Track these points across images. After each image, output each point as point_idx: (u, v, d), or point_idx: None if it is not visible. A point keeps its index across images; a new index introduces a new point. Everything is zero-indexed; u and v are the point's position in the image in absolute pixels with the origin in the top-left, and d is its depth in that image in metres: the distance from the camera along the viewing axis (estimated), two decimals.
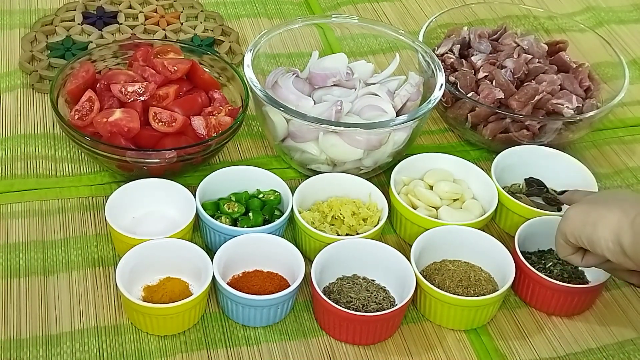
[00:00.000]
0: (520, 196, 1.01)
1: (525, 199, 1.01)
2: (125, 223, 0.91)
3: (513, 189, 1.03)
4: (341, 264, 0.89)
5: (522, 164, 1.04)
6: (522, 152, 1.05)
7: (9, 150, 1.02)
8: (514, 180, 1.04)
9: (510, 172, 1.03)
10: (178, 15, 1.27)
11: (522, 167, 1.04)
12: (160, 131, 0.97)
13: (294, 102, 1.01)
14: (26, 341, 0.82)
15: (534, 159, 1.05)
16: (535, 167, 1.04)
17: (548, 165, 1.04)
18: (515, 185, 1.03)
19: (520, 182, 1.04)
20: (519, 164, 1.04)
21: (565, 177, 1.03)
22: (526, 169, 1.04)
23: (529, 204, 0.98)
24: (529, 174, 1.04)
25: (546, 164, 1.04)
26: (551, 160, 1.05)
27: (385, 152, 1.00)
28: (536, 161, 1.05)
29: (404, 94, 1.04)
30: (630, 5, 1.44)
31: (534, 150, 1.05)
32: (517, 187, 1.03)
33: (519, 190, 1.03)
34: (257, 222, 0.92)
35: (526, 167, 1.04)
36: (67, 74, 1.01)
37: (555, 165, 1.04)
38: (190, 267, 0.87)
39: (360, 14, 1.33)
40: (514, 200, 0.98)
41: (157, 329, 0.84)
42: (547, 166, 1.04)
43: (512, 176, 1.04)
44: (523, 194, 1.02)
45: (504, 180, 1.03)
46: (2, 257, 0.90)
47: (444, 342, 0.88)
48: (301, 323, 0.88)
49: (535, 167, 1.04)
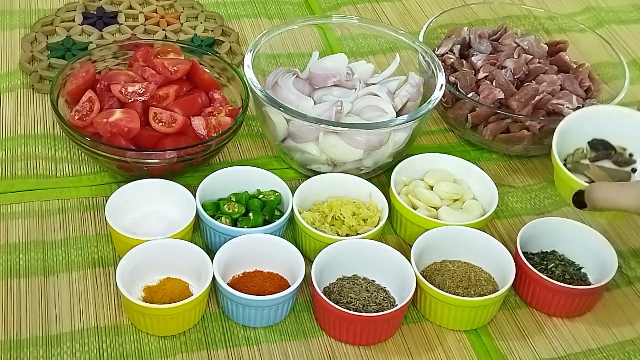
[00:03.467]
0: (587, 164, 0.95)
1: (593, 166, 0.94)
2: (125, 223, 0.91)
3: (577, 156, 0.96)
4: (341, 265, 0.89)
5: (585, 127, 0.96)
6: (585, 115, 0.97)
7: (9, 151, 1.02)
8: (577, 145, 0.96)
9: (571, 137, 0.96)
10: (178, 16, 1.27)
11: (584, 131, 0.96)
12: (160, 131, 0.97)
13: (294, 102, 1.01)
14: (26, 341, 0.82)
15: (599, 121, 0.97)
16: (601, 129, 0.96)
17: (615, 126, 0.97)
18: (579, 150, 0.96)
19: (583, 146, 0.97)
20: (581, 128, 0.96)
21: (636, 136, 0.95)
22: (590, 132, 0.96)
23: (598, 174, 0.92)
24: (593, 137, 0.97)
25: (613, 125, 0.97)
26: (618, 120, 0.97)
27: (385, 153, 1.00)
28: (601, 123, 0.97)
29: (404, 94, 1.04)
30: (631, 6, 1.44)
31: (599, 111, 0.98)
32: (581, 154, 0.96)
33: (583, 157, 0.96)
34: (257, 222, 0.92)
35: (590, 130, 0.96)
36: (67, 74, 1.01)
37: (622, 125, 0.96)
38: (190, 267, 0.87)
39: (360, 14, 1.33)
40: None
41: (157, 329, 0.84)
42: (614, 127, 0.96)
43: (573, 142, 0.96)
44: (590, 161, 0.95)
45: (565, 148, 0.96)
46: (2, 257, 0.90)
47: (444, 342, 0.88)
48: (301, 323, 0.88)
49: (600, 130, 0.96)
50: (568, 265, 0.93)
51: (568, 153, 0.96)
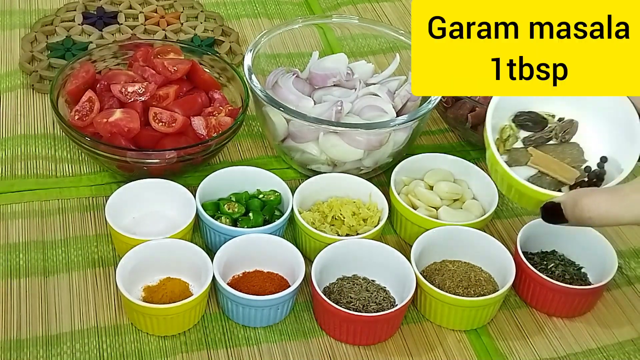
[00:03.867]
0: (525, 150, 0.75)
1: (535, 151, 0.74)
2: (125, 223, 0.91)
3: (508, 141, 0.75)
4: (341, 264, 0.89)
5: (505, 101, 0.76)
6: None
7: (9, 151, 1.02)
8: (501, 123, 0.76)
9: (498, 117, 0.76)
10: (178, 16, 1.27)
11: (505, 106, 0.76)
12: (160, 131, 0.97)
13: (294, 102, 1.01)
14: (26, 341, 0.82)
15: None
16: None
17: None
18: (505, 131, 0.76)
19: (506, 124, 0.76)
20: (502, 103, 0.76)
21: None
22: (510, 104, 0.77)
23: (545, 160, 0.74)
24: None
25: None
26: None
27: (385, 153, 1.00)
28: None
29: (404, 94, 1.04)
30: None
31: None
32: (511, 136, 0.76)
33: (514, 140, 0.76)
34: (257, 222, 0.92)
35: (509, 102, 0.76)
36: (67, 74, 1.01)
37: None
38: (190, 267, 0.87)
39: (360, 14, 1.33)
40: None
41: (157, 329, 0.84)
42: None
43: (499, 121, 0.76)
44: (524, 144, 0.75)
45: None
46: (2, 257, 0.90)
47: (444, 342, 0.88)
48: (301, 323, 0.88)
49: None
50: (568, 265, 0.93)
51: (495, 140, 0.75)
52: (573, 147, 0.75)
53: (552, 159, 0.74)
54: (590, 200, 0.65)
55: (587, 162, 0.74)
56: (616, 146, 0.73)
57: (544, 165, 0.74)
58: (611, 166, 0.73)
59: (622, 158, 0.72)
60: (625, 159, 0.71)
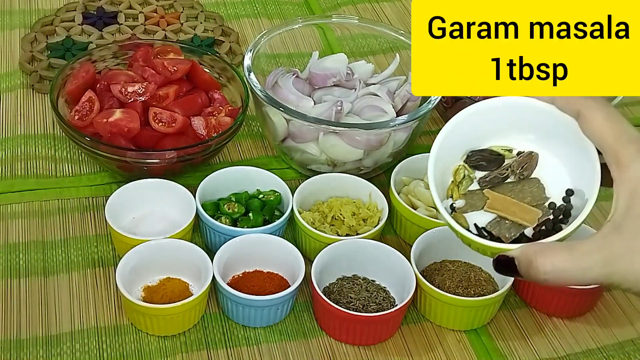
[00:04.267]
0: (481, 192, 0.69)
1: (491, 194, 0.68)
2: (125, 223, 0.91)
3: (462, 184, 0.70)
4: (341, 264, 0.89)
5: (455, 141, 0.71)
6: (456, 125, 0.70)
7: (9, 151, 1.02)
8: (452, 165, 0.71)
9: (446, 159, 0.70)
10: (178, 16, 1.27)
11: (456, 146, 0.71)
12: (160, 131, 0.97)
13: (294, 102, 1.01)
14: (26, 341, 0.82)
15: (470, 125, 0.71)
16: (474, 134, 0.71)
17: (487, 123, 0.70)
18: (459, 172, 0.70)
19: (459, 164, 0.71)
20: (452, 144, 0.70)
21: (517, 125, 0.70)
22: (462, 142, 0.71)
23: (503, 204, 0.67)
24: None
25: (484, 122, 0.70)
26: (488, 114, 0.70)
27: (385, 153, 1.00)
28: (473, 127, 0.71)
29: (404, 95, 1.04)
30: None
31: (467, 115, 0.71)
32: (465, 177, 0.70)
33: (469, 181, 0.70)
34: (257, 222, 0.92)
35: (461, 140, 0.71)
36: (67, 74, 1.01)
37: (496, 118, 0.70)
38: (190, 267, 0.87)
39: (360, 14, 1.33)
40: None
41: (157, 329, 0.84)
42: (487, 125, 0.70)
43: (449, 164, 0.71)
44: (479, 185, 0.69)
45: (445, 176, 0.71)
46: (2, 257, 0.90)
47: (444, 342, 0.88)
48: (301, 323, 0.88)
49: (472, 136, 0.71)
50: None
51: (449, 184, 0.70)
52: (533, 184, 0.69)
53: (510, 200, 0.68)
54: (546, 260, 0.60)
55: (551, 198, 0.67)
56: (578, 175, 0.67)
57: (501, 209, 0.67)
58: (577, 198, 0.67)
59: (586, 187, 0.65)
60: (589, 188, 0.64)
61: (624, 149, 0.61)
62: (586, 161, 0.65)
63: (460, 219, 0.68)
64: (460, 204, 0.69)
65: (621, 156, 0.61)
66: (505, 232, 0.66)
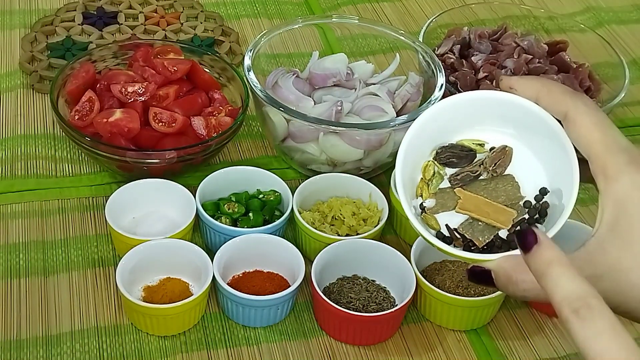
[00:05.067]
0: (452, 191, 0.65)
1: (463, 193, 0.65)
2: (125, 223, 0.91)
3: (432, 182, 0.66)
4: (341, 264, 0.89)
5: (424, 136, 0.67)
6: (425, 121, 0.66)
7: (9, 151, 1.02)
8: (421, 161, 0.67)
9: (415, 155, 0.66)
10: (178, 16, 1.27)
11: (426, 141, 0.67)
12: (160, 131, 0.97)
13: (294, 102, 1.01)
14: (26, 341, 0.82)
15: (441, 120, 0.66)
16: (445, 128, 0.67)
17: (459, 117, 0.67)
18: (428, 170, 0.66)
19: (427, 160, 0.67)
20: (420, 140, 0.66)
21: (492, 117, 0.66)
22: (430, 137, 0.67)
23: (476, 204, 0.64)
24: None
25: (457, 116, 0.67)
26: (462, 109, 0.67)
27: (385, 153, 1.00)
28: (443, 122, 0.67)
29: (404, 94, 1.04)
30: (631, 6, 1.44)
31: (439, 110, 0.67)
32: (435, 175, 0.66)
33: (439, 178, 0.66)
34: (257, 222, 0.92)
35: (430, 135, 0.67)
36: (67, 74, 1.01)
37: (469, 112, 0.67)
38: (190, 267, 0.87)
39: (360, 14, 1.33)
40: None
41: (157, 329, 0.84)
42: (458, 120, 0.67)
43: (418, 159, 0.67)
44: (450, 183, 0.66)
45: (414, 172, 0.67)
46: (2, 257, 0.90)
47: (444, 342, 0.88)
48: (301, 323, 0.88)
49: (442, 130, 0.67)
50: None
51: (417, 182, 0.66)
52: (507, 182, 0.65)
53: (483, 200, 0.64)
54: (527, 276, 0.55)
55: (526, 197, 0.64)
56: (555, 172, 0.64)
57: (474, 210, 0.63)
58: (553, 196, 0.64)
59: (564, 186, 0.62)
60: (567, 188, 0.62)
61: (613, 159, 0.57)
62: (564, 157, 0.62)
63: (431, 220, 0.65)
64: (430, 203, 0.66)
65: (609, 166, 0.57)
66: (478, 235, 0.63)
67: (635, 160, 0.58)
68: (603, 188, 0.58)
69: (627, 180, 0.57)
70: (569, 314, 0.49)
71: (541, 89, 0.62)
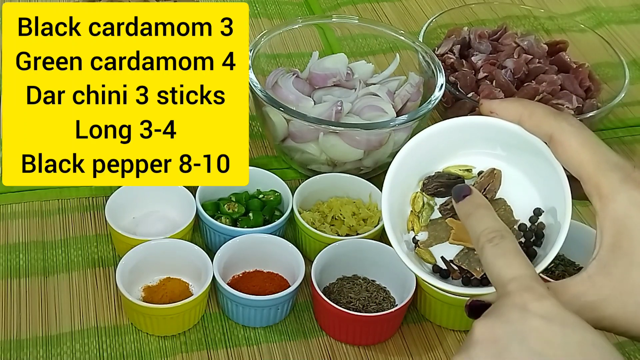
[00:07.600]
0: (443, 221, 0.65)
1: (455, 223, 0.64)
2: (125, 223, 0.91)
3: (423, 214, 0.66)
4: (341, 264, 0.89)
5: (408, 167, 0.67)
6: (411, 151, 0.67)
7: None
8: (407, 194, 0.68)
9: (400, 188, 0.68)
10: None
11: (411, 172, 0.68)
12: None
13: (294, 102, 1.01)
14: (26, 341, 0.82)
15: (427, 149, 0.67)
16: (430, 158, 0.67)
17: (445, 146, 0.67)
18: (417, 202, 0.67)
19: (415, 192, 0.68)
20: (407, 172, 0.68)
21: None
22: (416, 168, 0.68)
23: (463, 231, 0.61)
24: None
25: (441, 145, 0.67)
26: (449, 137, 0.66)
27: (385, 153, 1.00)
28: (429, 152, 0.67)
29: (404, 95, 1.04)
30: (631, 6, 1.44)
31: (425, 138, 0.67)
32: (425, 207, 0.66)
33: (430, 210, 0.66)
34: (257, 222, 0.92)
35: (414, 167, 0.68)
36: None
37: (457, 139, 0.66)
38: (190, 267, 0.87)
39: (360, 14, 1.33)
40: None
41: (157, 329, 0.84)
42: (443, 148, 0.67)
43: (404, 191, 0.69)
44: (441, 213, 0.65)
45: (402, 206, 0.68)
46: (2, 257, 0.90)
47: (444, 342, 0.88)
48: (301, 323, 0.88)
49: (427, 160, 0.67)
50: (568, 265, 0.93)
51: (407, 215, 0.66)
52: (499, 206, 0.63)
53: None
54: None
55: (520, 220, 0.63)
56: (547, 192, 0.63)
57: (468, 239, 0.61)
58: (549, 215, 0.63)
59: (557, 202, 0.61)
60: (560, 204, 0.61)
61: (606, 179, 0.57)
62: (553, 175, 0.61)
63: (426, 254, 0.64)
64: (423, 237, 0.65)
65: (603, 186, 0.57)
66: (475, 265, 0.62)
67: (629, 177, 0.57)
68: (599, 209, 0.57)
69: (623, 199, 0.56)
70: (485, 242, 0.56)
71: (523, 111, 0.61)
